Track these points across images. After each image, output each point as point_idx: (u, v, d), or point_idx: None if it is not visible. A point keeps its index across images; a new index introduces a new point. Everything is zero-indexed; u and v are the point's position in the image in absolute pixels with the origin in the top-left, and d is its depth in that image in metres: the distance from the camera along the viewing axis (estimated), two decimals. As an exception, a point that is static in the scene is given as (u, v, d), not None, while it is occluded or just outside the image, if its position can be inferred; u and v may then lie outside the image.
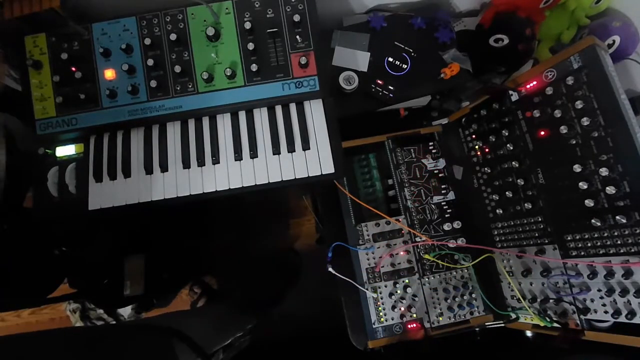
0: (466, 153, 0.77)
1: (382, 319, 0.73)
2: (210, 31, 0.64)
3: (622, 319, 0.52)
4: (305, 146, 0.66)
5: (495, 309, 0.70)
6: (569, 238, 0.59)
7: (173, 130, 0.69)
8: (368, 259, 0.75)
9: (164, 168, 0.67)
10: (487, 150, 0.73)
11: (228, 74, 0.64)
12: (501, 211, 0.70)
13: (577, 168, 0.56)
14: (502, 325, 0.70)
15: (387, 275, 0.74)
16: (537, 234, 0.64)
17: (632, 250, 0.51)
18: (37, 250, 0.83)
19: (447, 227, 0.75)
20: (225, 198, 0.65)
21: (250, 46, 0.64)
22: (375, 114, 0.84)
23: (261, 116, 0.69)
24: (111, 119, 0.66)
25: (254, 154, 0.66)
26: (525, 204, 0.65)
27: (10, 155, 0.73)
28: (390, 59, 0.80)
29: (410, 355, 0.74)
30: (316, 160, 0.66)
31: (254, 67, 0.65)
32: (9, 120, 0.84)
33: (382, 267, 0.74)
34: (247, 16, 0.66)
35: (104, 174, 0.67)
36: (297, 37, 0.66)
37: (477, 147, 0.75)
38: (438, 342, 0.71)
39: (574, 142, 0.57)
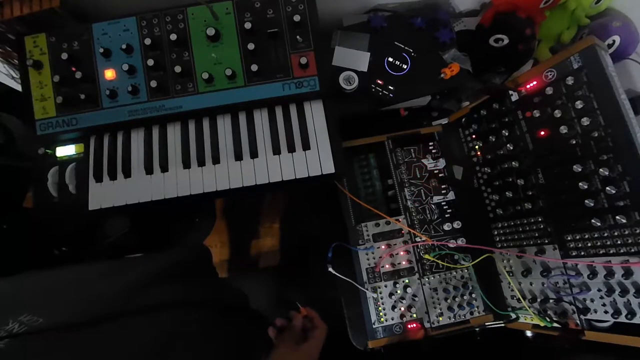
0: (466, 153, 0.77)
1: (382, 319, 0.73)
2: (211, 31, 0.64)
3: (622, 319, 0.52)
4: (306, 146, 0.66)
5: (495, 309, 0.70)
6: (569, 238, 0.59)
7: (173, 131, 0.69)
8: (368, 259, 0.75)
9: (164, 168, 0.67)
10: (487, 150, 0.73)
11: (228, 74, 0.64)
12: (501, 211, 0.70)
13: (577, 168, 0.56)
14: (502, 325, 0.70)
15: (387, 275, 0.74)
16: (537, 234, 0.64)
17: (632, 250, 0.51)
18: (37, 250, 0.83)
19: (447, 227, 0.75)
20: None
21: (251, 46, 0.64)
22: (375, 114, 0.84)
23: (261, 116, 0.69)
24: (111, 119, 0.66)
25: (254, 154, 0.66)
26: (525, 204, 0.65)
27: (9, 156, 0.73)
28: (390, 59, 0.80)
29: (410, 355, 0.74)
30: (316, 160, 0.66)
31: (254, 68, 0.65)
32: (8, 120, 0.84)
33: (382, 267, 0.74)
34: (247, 16, 0.66)
35: (104, 174, 0.67)
36: (297, 37, 0.66)
37: (477, 147, 0.75)
38: (438, 342, 0.71)
39: (574, 142, 0.57)
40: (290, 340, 0.61)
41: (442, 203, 0.77)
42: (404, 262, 0.74)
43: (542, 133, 0.62)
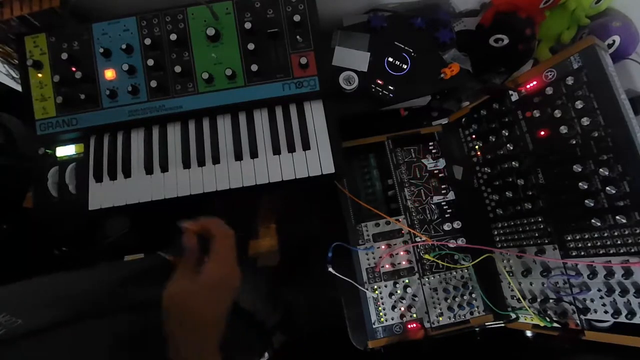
0: (466, 153, 0.77)
1: (382, 319, 0.73)
2: (211, 31, 0.64)
3: (622, 319, 0.52)
4: (306, 146, 0.66)
5: (495, 309, 0.70)
6: (569, 238, 0.59)
7: (173, 131, 0.69)
8: (368, 259, 0.75)
9: (164, 168, 0.67)
10: (487, 150, 0.73)
11: (228, 74, 0.64)
12: (501, 211, 0.70)
13: (577, 168, 0.56)
14: (502, 325, 0.70)
15: (387, 275, 0.74)
16: (537, 234, 0.64)
17: (632, 250, 0.51)
18: (37, 250, 0.83)
19: (447, 227, 0.75)
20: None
21: (251, 46, 0.64)
22: (375, 114, 0.84)
23: (261, 116, 0.69)
24: (111, 119, 0.66)
25: (254, 154, 0.66)
26: (525, 204, 0.65)
27: (9, 156, 0.72)
28: (390, 59, 0.80)
29: (410, 355, 0.74)
30: (316, 160, 0.66)
31: (254, 68, 0.65)
32: (9, 120, 0.84)
33: (382, 267, 0.74)
34: (247, 16, 0.66)
35: (104, 174, 0.67)
36: (297, 37, 0.66)
37: (477, 147, 0.75)
38: (438, 342, 0.71)
39: (574, 142, 0.57)
40: (186, 269, 0.44)
41: (442, 203, 0.77)
42: (404, 262, 0.74)
43: (542, 133, 0.62)
